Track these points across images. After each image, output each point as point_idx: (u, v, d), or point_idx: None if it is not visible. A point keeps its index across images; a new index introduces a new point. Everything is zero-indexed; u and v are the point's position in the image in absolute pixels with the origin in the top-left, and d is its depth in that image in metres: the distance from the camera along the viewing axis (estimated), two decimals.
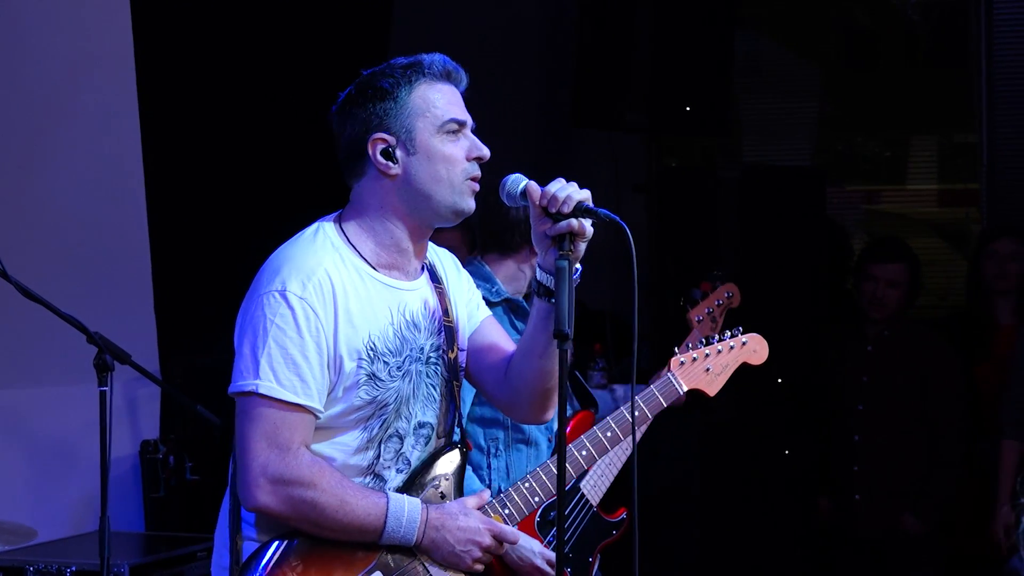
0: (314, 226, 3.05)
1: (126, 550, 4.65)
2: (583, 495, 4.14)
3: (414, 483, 3.09)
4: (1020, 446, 5.42)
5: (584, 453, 3.62)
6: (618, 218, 2.82)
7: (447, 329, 3.14)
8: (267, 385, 2.88)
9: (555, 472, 3.29)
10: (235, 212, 5.76)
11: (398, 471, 3.06)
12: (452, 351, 3.15)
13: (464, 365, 3.21)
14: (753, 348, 3.64)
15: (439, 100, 3.00)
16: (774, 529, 6.31)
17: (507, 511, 3.27)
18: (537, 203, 2.88)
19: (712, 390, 3.60)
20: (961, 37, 7.41)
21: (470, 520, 3.04)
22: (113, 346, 3.70)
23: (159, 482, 5.44)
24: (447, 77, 3.04)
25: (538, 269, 2.97)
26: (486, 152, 3.03)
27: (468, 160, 3.01)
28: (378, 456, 3.02)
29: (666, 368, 3.84)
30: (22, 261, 3.89)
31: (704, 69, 6.57)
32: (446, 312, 3.14)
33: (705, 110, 6.59)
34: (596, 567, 4.15)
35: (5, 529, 3.84)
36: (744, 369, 4.91)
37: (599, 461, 3.94)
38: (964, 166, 7.83)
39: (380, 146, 2.99)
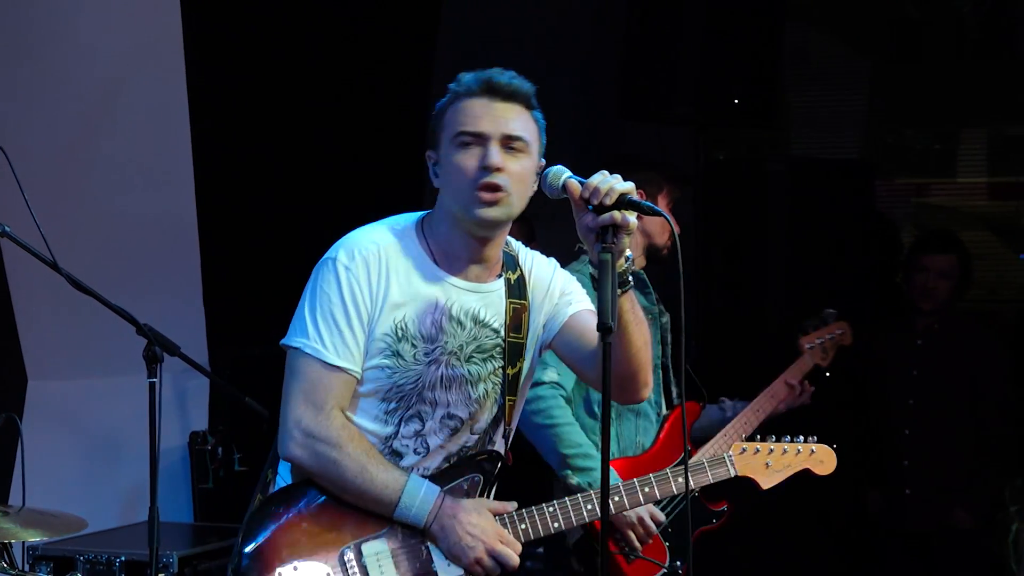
0: (403, 215, 3.21)
1: (175, 540, 4.68)
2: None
3: (443, 475, 3.17)
4: None
5: (616, 499, 3.57)
6: (661, 210, 2.83)
7: (512, 345, 3.20)
8: (312, 345, 3.08)
9: (581, 508, 3.33)
10: (283, 204, 5.79)
11: (416, 452, 3.15)
12: (513, 367, 3.21)
13: (561, 354, 3.29)
14: (820, 459, 3.62)
15: (459, 114, 3.10)
16: (823, 523, 6.27)
17: (523, 526, 3.23)
18: (576, 196, 2.90)
19: (765, 484, 3.57)
20: (1012, 27, 7.32)
21: (482, 519, 3.13)
22: (162, 338, 3.72)
23: (208, 473, 5.48)
24: (483, 92, 3.11)
25: (588, 263, 3.00)
26: (493, 160, 3.04)
27: (480, 168, 3.04)
28: (397, 432, 3.13)
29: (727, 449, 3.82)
30: (72, 254, 3.92)
31: (752, 61, 6.53)
32: (516, 329, 3.20)
33: (753, 102, 6.54)
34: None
35: (56, 519, 3.87)
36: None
37: (715, 441, 4.32)
38: (1015, 159, 7.75)
39: (430, 162, 3.16)
